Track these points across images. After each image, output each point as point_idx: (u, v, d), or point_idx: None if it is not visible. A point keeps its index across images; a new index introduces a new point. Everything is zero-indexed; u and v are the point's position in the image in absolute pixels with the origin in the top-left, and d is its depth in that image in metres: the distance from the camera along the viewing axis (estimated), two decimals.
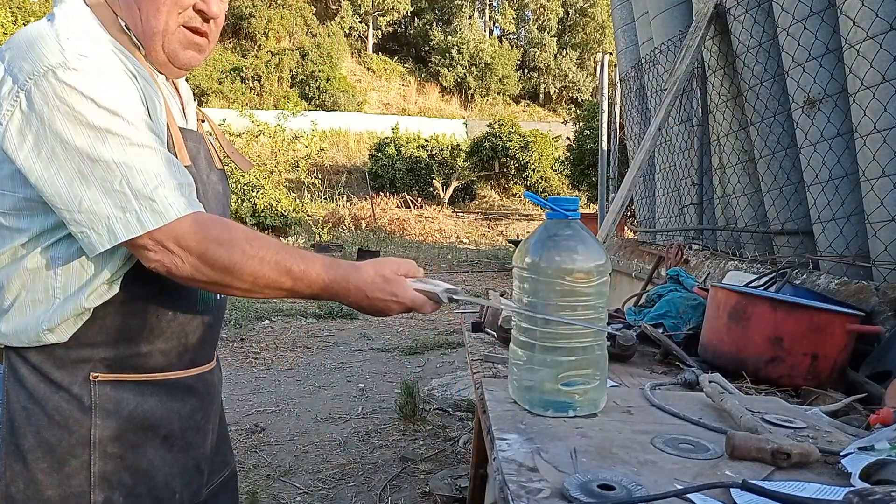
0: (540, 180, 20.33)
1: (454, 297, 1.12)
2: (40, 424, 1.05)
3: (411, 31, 35.68)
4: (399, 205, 18.48)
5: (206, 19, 1.11)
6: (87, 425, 1.06)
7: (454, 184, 20.07)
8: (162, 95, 1.10)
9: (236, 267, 1.00)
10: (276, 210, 14.16)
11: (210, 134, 1.29)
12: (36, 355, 1.06)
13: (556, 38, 33.14)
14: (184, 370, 1.17)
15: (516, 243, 11.88)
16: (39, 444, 1.06)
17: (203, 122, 1.28)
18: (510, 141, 20.21)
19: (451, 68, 31.09)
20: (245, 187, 13.96)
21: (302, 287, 1.05)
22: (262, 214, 13.89)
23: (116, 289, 1.05)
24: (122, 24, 1.08)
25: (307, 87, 26.69)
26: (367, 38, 33.69)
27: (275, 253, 1.03)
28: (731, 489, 0.77)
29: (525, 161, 20.31)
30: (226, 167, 1.30)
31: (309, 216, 15.40)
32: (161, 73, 1.14)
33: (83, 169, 0.96)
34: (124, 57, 1.05)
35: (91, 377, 1.06)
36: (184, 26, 1.10)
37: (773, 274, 2.00)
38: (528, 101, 33.13)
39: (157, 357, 1.12)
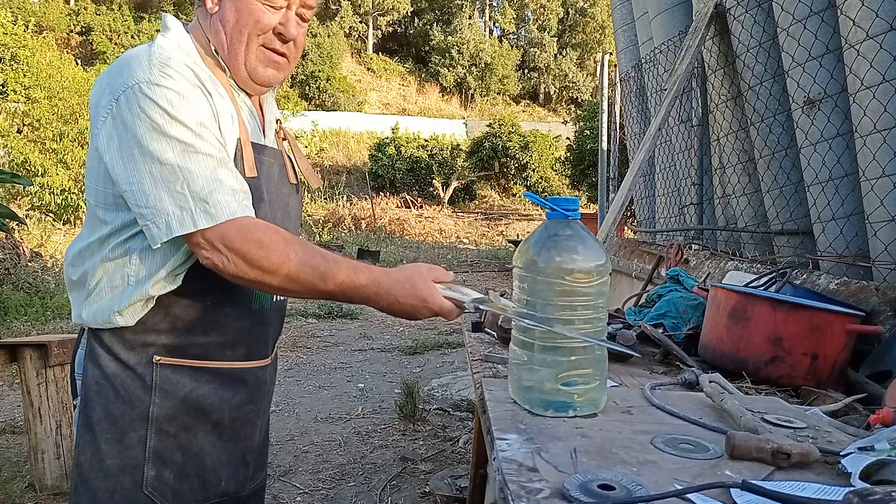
0: (540, 180, 20.34)
1: (480, 306, 1.16)
2: (108, 399, 1.18)
3: (411, 31, 35.69)
4: (399, 205, 18.48)
5: (284, 41, 1.23)
6: (146, 402, 1.18)
7: (454, 184, 20.07)
8: (237, 112, 1.21)
9: (273, 268, 1.10)
10: None
11: (289, 152, 1.39)
12: (109, 336, 1.19)
13: (556, 38, 33.15)
14: (238, 362, 1.26)
15: (516, 243, 11.87)
16: (105, 416, 1.18)
17: (284, 139, 1.38)
18: (510, 141, 20.21)
19: (451, 68, 31.09)
20: None
21: (334, 289, 1.13)
22: None
23: (179, 282, 1.17)
24: (213, 48, 1.22)
25: (307, 87, 26.70)
26: (367, 38, 33.70)
27: (311, 257, 1.11)
28: (731, 489, 0.77)
29: (525, 161, 20.32)
30: (301, 183, 1.41)
31: (309, 216, 15.40)
32: (244, 90, 1.26)
33: (153, 170, 1.08)
34: (207, 77, 1.18)
35: (154, 360, 1.18)
36: (264, 47, 1.22)
37: (773, 274, 2.00)
38: (528, 101, 33.14)
39: (213, 347, 1.22)
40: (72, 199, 10.46)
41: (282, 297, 1.33)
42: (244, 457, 1.30)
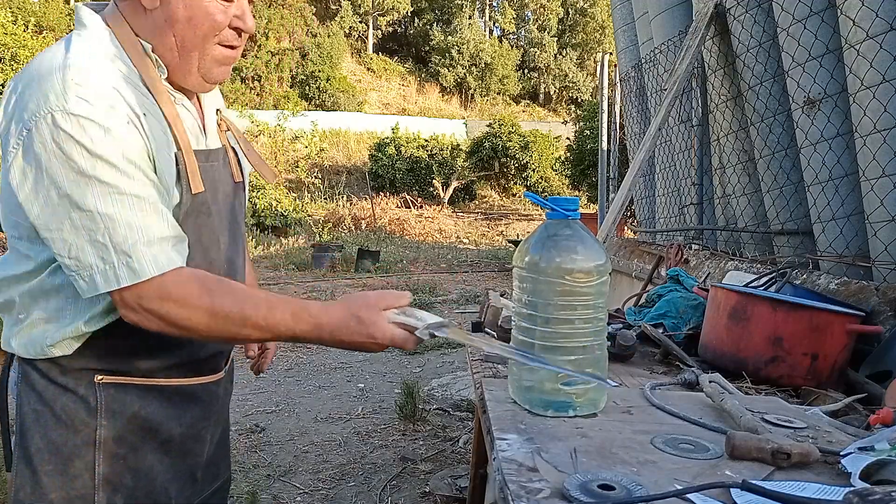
0: (540, 180, 20.33)
1: (436, 332, 1.03)
2: (48, 425, 1.08)
3: (411, 31, 35.69)
4: (399, 205, 18.48)
5: (240, 34, 1.12)
6: (92, 425, 1.08)
7: (454, 184, 20.07)
8: (177, 121, 1.08)
9: (194, 326, 1.01)
10: (276, 210, 14.16)
11: (234, 143, 1.26)
12: (42, 363, 1.09)
13: (556, 38, 33.14)
14: (186, 378, 1.18)
15: (516, 243, 11.87)
16: (46, 445, 1.08)
17: (227, 130, 1.25)
18: (510, 141, 20.21)
19: (451, 68, 31.09)
20: None
21: (270, 336, 1.06)
22: (262, 214, 13.89)
23: (113, 317, 1.06)
24: (145, 47, 1.06)
25: (307, 87, 26.69)
26: (367, 38, 33.70)
27: (239, 307, 1.01)
28: (731, 489, 0.77)
29: (525, 161, 20.31)
30: (246, 177, 1.29)
31: (309, 216, 15.40)
32: (186, 89, 1.13)
33: (73, 217, 0.97)
34: (133, 92, 1.03)
35: (96, 380, 1.09)
36: (219, 44, 1.10)
37: (773, 274, 2.00)
38: (528, 101, 33.13)
39: (157, 369, 1.14)
40: None
41: None
42: (193, 473, 1.22)
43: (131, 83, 1.04)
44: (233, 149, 1.24)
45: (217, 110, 1.24)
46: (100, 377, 1.09)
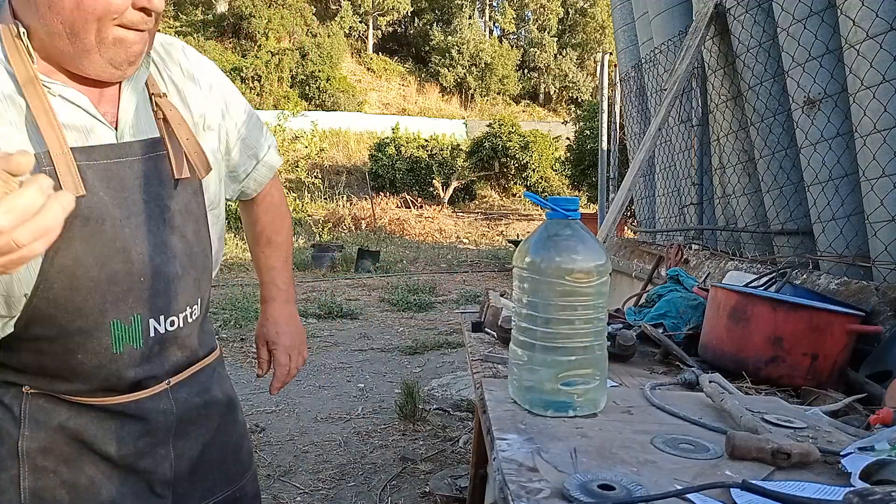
0: (540, 180, 20.34)
1: None
2: None
3: (411, 31, 35.69)
4: (399, 205, 18.48)
5: (149, 14, 0.97)
6: (15, 436, 1.02)
7: (454, 184, 20.07)
8: (47, 117, 0.93)
9: None
10: None
11: (175, 135, 1.08)
12: None
13: (556, 38, 33.15)
14: (116, 397, 1.07)
15: (516, 243, 11.87)
16: None
17: (165, 121, 1.07)
18: (510, 141, 20.21)
19: (451, 68, 31.09)
20: None
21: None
22: None
23: (11, 328, 0.98)
24: (18, 30, 0.94)
25: (307, 87, 26.70)
26: (367, 38, 33.70)
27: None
28: (731, 489, 0.77)
29: (525, 161, 20.31)
30: (199, 172, 1.11)
31: (309, 216, 15.41)
32: (87, 73, 0.98)
33: None
34: None
35: (24, 390, 1.03)
36: (122, 26, 0.95)
37: (773, 274, 2.00)
38: (528, 101, 33.14)
39: (82, 391, 1.05)
40: None
41: (175, 325, 1.09)
42: (151, 488, 1.12)
43: None
44: (178, 143, 1.07)
45: (153, 95, 1.07)
46: (27, 388, 1.03)
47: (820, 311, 1.44)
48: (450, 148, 20.61)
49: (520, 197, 21.49)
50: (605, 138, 5.54)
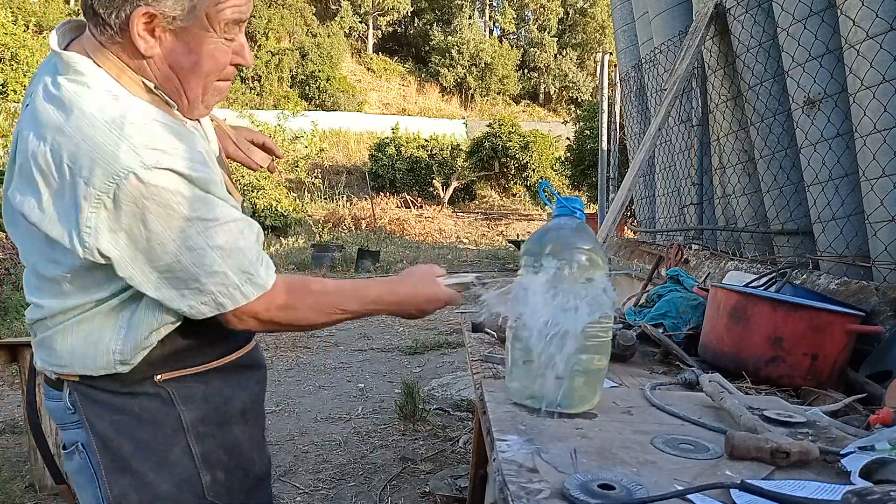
0: (540, 180, 20.35)
1: (485, 280, 1.29)
2: (133, 429, 1.12)
3: (411, 31, 35.70)
4: (399, 205, 18.49)
5: (238, 68, 1.14)
6: (174, 414, 1.13)
7: (454, 184, 20.07)
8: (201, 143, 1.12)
9: (304, 323, 1.17)
10: (276, 210, 14.17)
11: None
12: (101, 381, 1.11)
13: (556, 38, 33.15)
14: (231, 355, 1.23)
15: (516, 243, 11.86)
16: (138, 446, 1.12)
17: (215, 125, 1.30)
18: (510, 141, 20.21)
19: (451, 68, 31.10)
20: (245, 187, 13.96)
21: (359, 315, 1.20)
22: (262, 214, 13.90)
23: (172, 327, 1.11)
24: (150, 84, 1.05)
25: (307, 87, 26.71)
26: (367, 38, 33.71)
27: (333, 300, 1.15)
28: (731, 489, 0.77)
29: (525, 161, 20.32)
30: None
31: (309, 216, 15.41)
32: (188, 117, 1.14)
33: (182, 259, 1.00)
34: (173, 124, 1.05)
35: (156, 380, 1.13)
36: (219, 80, 1.11)
37: (773, 274, 2.00)
38: (528, 101, 33.14)
39: (198, 356, 1.18)
40: None
41: None
42: (264, 436, 1.32)
43: (163, 118, 1.05)
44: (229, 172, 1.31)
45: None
46: (158, 377, 1.13)
47: (820, 311, 1.44)
48: (450, 148, 20.61)
49: (520, 197, 21.49)
50: (605, 138, 5.54)
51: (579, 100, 29.60)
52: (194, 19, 1.01)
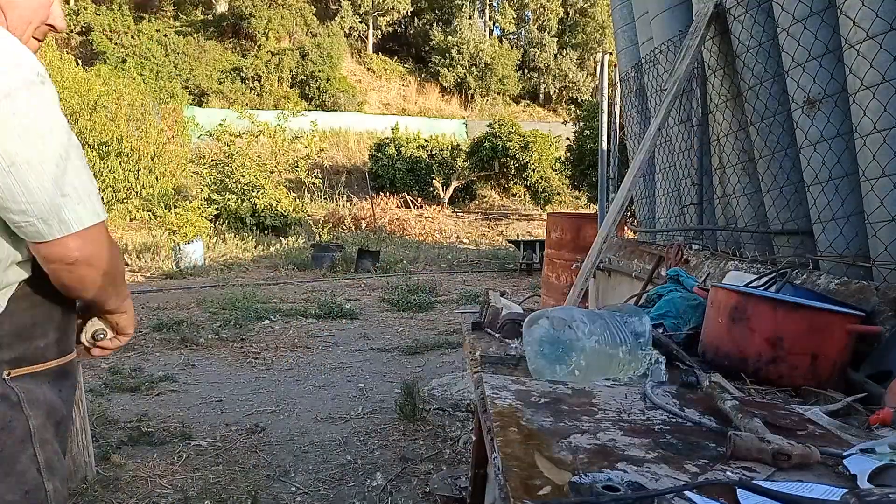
0: (540, 180, 20.33)
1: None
2: None
3: (411, 31, 35.67)
4: (399, 205, 18.48)
5: (53, 32, 1.20)
6: (23, 419, 1.10)
7: (454, 184, 20.07)
8: None
9: (91, 283, 1.11)
10: (276, 210, 14.17)
11: None
12: None
13: (556, 38, 33.12)
14: (62, 357, 1.19)
15: (516, 243, 11.86)
16: None
17: None
18: (510, 141, 20.20)
19: (451, 68, 31.07)
20: (245, 187, 13.96)
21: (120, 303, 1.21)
22: (262, 214, 13.89)
23: (28, 272, 1.09)
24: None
25: (307, 87, 26.70)
26: (367, 38, 33.69)
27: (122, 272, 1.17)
28: (738, 490, 0.77)
29: (525, 161, 20.30)
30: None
31: (309, 216, 15.40)
32: None
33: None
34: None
35: (5, 376, 1.09)
36: (33, 37, 1.15)
37: (773, 274, 2.00)
38: (528, 101, 33.12)
39: (50, 349, 1.16)
40: None
41: None
42: (65, 452, 1.26)
43: None
44: None
45: None
46: (8, 372, 1.09)
47: (820, 312, 1.44)
48: (450, 148, 20.60)
49: (520, 197, 21.49)
50: (605, 138, 5.54)
51: (579, 100, 29.56)
52: None
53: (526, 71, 33.32)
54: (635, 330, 1.35)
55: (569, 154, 15.32)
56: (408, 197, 19.05)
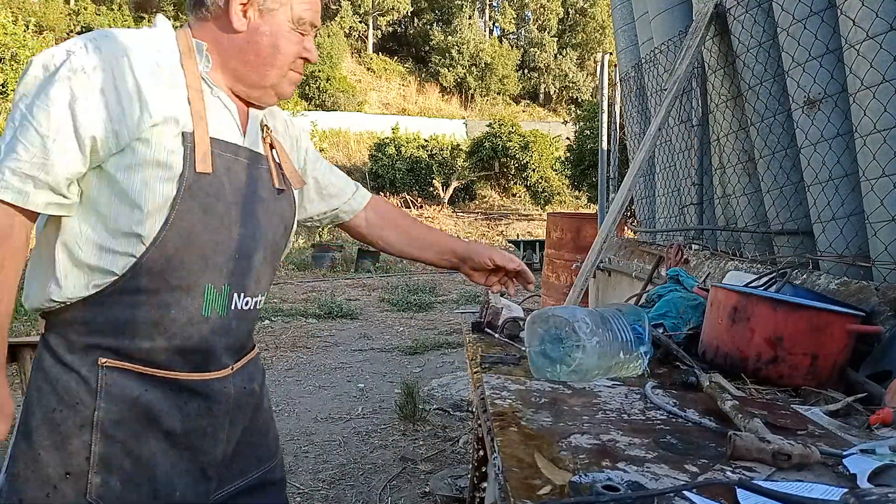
0: (540, 180, 20.34)
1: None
2: (50, 404, 1.13)
3: (411, 31, 35.68)
4: (399, 205, 18.47)
5: (305, 62, 1.29)
6: (91, 407, 1.12)
7: (454, 184, 20.07)
8: (200, 108, 1.17)
9: None
10: None
11: (277, 158, 1.35)
12: (54, 338, 1.15)
13: (556, 38, 33.13)
14: (189, 373, 1.20)
15: (516, 243, 11.87)
16: (45, 422, 1.13)
17: (272, 147, 1.34)
18: (510, 141, 20.20)
19: (451, 68, 31.08)
20: None
21: None
22: None
23: (117, 267, 1.12)
24: (196, 44, 1.20)
25: (307, 87, 26.69)
26: (367, 38, 33.70)
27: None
28: (738, 490, 0.77)
29: (525, 161, 20.31)
30: (291, 190, 1.37)
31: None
32: (254, 97, 1.27)
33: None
34: (154, 67, 1.14)
35: (99, 362, 1.13)
36: (291, 70, 1.27)
37: (773, 274, 2.00)
38: (528, 101, 33.13)
39: (159, 354, 1.16)
40: None
41: (248, 305, 1.26)
42: (203, 470, 1.24)
43: (161, 65, 1.16)
44: (276, 163, 1.33)
45: (265, 127, 1.34)
46: (103, 360, 1.13)
47: (820, 311, 1.44)
48: (450, 148, 20.60)
49: (520, 197, 21.48)
50: (605, 138, 5.54)
51: (579, 100, 29.57)
52: (279, 7, 1.21)
53: (526, 71, 33.32)
54: (636, 329, 1.35)
55: (569, 154, 15.31)
56: (408, 197, 19.06)
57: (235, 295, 1.22)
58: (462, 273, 1.60)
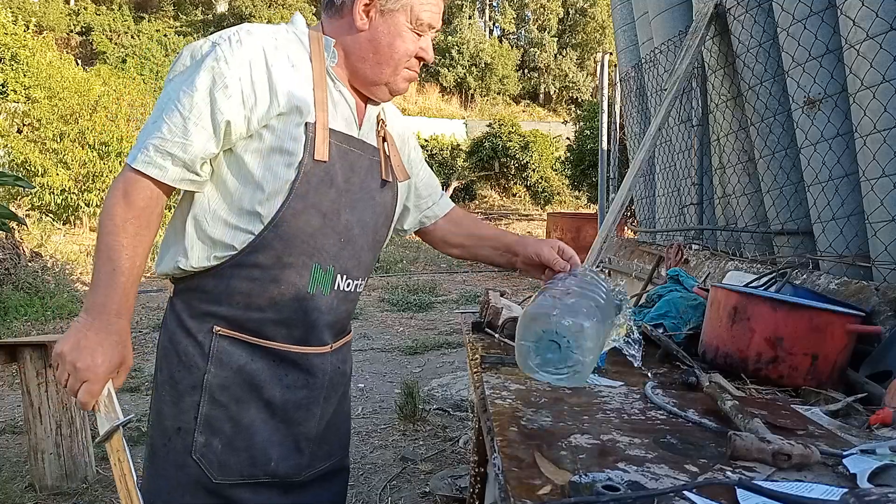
0: (540, 180, 20.32)
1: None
2: (172, 363, 1.27)
3: None
4: None
5: (420, 62, 1.34)
6: (203, 370, 1.25)
7: (454, 184, 20.06)
8: (322, 99, 1.25)
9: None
10: None
11: (388, 151, 1.41)
12: (179, 302, 1.28)
13: (556, 38, 33.12)
14: (291, 345, 1.30)
15: None
16: (168, 379, 1.27)
17: (385, 140, 1.41)
18: (510, 141, 20.19)
19: (451, 68, 31.06)
20: None
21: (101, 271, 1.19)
22: None
23: (237, 242, 1.22)
24: (325, 41, 1.29)
25: None
26: None
27: (114, 240, 1.15)
28: (738, 490, 0.77)
29: (525, 161, 20.30)
30: (397, 183, 1.45)
31: None
32: (358, 91, 1.34)
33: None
34: (285, 61, 1.23)
35: (214, 329, 1.25)
36: (406, 68, 1.32)
37: (773, 274, 2.00)
38: (528, 101, 33.11)
39: (267, 325, 1.27)
40: (71, 199, 10.45)
41: (350, 287, 1.35)
42: (297, 442, 1.33)
43: (292, 59, 1.24)
44: (387, 155, 1.41)
45: (381, 121, 1.42)
46: (217, 328, 1.25)
47: (820, 311, 1.44)
48: (450, 148, 20.60)
49: (520, 197, 21.48)
50: (605, 138, 5.54)
51: (579, 100, 29.55)
52: (400, 7, 1.27)
53: (526, 71, 33.31)
54: (611, 297, 1.36)
55: (569, 154, 15.30)
56: None
57: (339, 276, 1.32)
58: (520, 270, 1.61)
